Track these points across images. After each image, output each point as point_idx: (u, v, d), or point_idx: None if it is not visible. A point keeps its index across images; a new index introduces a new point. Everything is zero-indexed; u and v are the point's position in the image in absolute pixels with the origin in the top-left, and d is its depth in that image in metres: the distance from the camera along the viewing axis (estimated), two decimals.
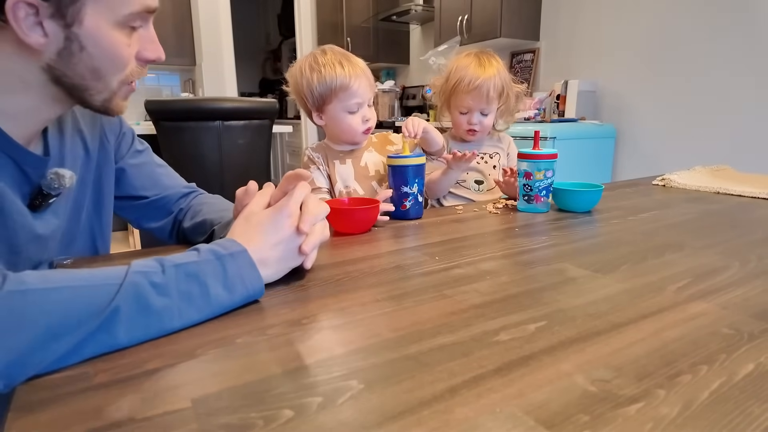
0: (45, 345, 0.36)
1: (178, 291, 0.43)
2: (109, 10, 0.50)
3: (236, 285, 0.47)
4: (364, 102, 0.98)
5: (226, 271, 0.46)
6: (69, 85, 0.52)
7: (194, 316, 0.44)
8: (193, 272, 0.45)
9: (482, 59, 1.14)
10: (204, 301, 0.45)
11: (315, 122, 1.03)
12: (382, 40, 4.06)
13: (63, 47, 0.50)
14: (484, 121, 1.16)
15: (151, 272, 0.42)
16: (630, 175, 2.42)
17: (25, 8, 0.46)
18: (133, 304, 0.40)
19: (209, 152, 1.97)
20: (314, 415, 0.31)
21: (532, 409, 0.31)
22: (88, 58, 0.51)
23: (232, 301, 0.47)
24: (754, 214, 0.91)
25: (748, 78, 1.99)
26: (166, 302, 0.42)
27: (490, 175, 1.20)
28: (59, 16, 0.48)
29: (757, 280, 0.55)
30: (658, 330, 0.43)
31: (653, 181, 1.30)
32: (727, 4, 2.01)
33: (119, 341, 0.39)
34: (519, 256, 0.66)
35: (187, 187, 0.81)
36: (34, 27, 0.47)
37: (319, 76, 0.95)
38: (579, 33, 2.65)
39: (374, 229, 0.83)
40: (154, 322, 0.41)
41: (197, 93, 4.42)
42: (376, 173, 1.05)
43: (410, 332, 0.43)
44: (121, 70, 0.54)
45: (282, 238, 0.52)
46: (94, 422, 0.31)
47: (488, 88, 1.11)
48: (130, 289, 0.40)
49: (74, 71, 0.51)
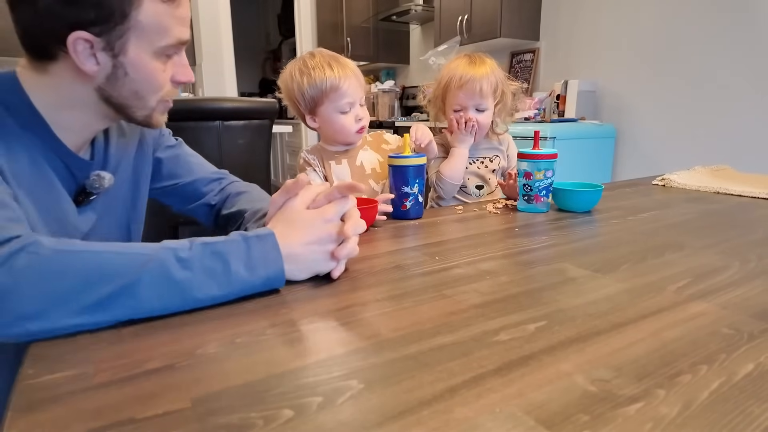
0: (78, 294, 0.42)
1: (201, 266, 0.47)
2: (148, 43, 0.59)
3: (258, 266, 0.50)
4: (355, 101, 0.99)
5: (250, 251, 0.50)
6: (116, 104, 0.62)
7: (215, 291, 0.47)
8: (219, 251, 0.49)
9: (473, 58, 1.14)
10: (225, 278, 0.48)
11: (309, 125, 1.03)
12: (382, 40, 4.06)
13: (111, 73, 0.59)
14: (479, 118, 1.12)
15: (178, 248, 0.48)
16: (630, 175, 2.42)
17: (83, 43, 0.55)
18: (157, 274, 0.45)
19: (209, 152, 1.95)
20: (314, 415, 0.31)
21: (532, 409, 0.31)
22: (130, 82, 0.60)
23: (251, 281, 0.49)
24: (754, 214, 0.92)
25: (748, 78, 1.99)
26: (188, 275, 0.46)
27: (490, 179, 1.20)
28: (109, 49, 0.57)
29: (757, 280, 0.55)
30: (658, 330, 0.43)
31: (653, 181, 1.30)
32: (727, 4, 2.01)
33: (142, 306, 0.45)
34: (519, 256, 0.66)
35: (217, 173, 0.88)
36: (89, 57, 0.57)
37: (309, 79, 0.96)
38: (579, 33, 2.65)
39: (374, 229, 0.83)
40: (175, 292, 0.46)
41: (197, 93, 4.42)
42: (372, 171, 1.05)
43: (410, 332, 0.43)
44: (158, 91, 0.64)
45: (316, 240, 0.54)
46: (94, 422, 0.31)
47: (480, 83, 1.09)
48: (156, 259, 0.46)
49: (120, 93, 0.61)
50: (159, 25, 0.59)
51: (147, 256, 0.46)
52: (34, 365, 0.38)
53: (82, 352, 0.40)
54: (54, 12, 0.53)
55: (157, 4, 0.58)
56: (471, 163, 1.19)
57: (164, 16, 0.59)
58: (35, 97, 0.59)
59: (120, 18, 0.56)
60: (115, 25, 0.56)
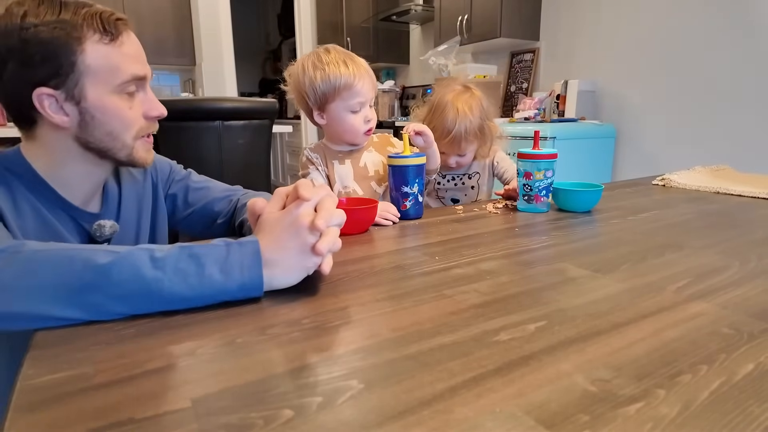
0: (55, 291, 0.44)
1: (174, 267, 0.47)
2: (104, 84, 0.64)
3: (233, 270, 0.48)
4: (366, 102, 0.98)
5: (228, 256, 0.49)
6: (96, 149, 0.67)
7: (185, 292, 0.46)
8: (196, 254, 0.48)
9: (459, 103, 1.15)
10: (197, 280, 0.47)
11: (315, 121, 1.01)
12: (382, 40, 4.06)
13: (80, 120, 0.64)
14: (461, 161, 1.20)
15: (155, 249, 0.48)
16: (630, 175, 2.42)
17: (48, 98, 0.62)
18: (126, 270, 0.45)
19: (209, 152, 1.96)
20: (314, 415, 0.31)
21: (532, 409, 0.31)
22: (100, 124, 0.65)
23: (225, 285, 0.48)
24: (754, 214, 0.92)
25: (748, 78, 1.99)
26: (158, 275, 0.46)
27: (466, 195, 1.23)
28: (71, 98, 0.63)
29: (757, 280, 0.55)
30: (658, 330, 0.43)
31: (653, 181, 1.30)
32: (727, 4, 2.01)
33: (111, 303, 0.45)
34: (519, 256, 0.66)
35: (228, 190, 0.91)
36: (58, 111, 0.63)
37: (322, 74, 0.94)
38: (579, 33, 2.65)
39: (373, 228, 0.83)
40: (143, 289, 0.45)
41: (197, 93, 4.42)
42: (376, 173, 1.04)
43: (410, 332, 0.43)
44: (129, 128, 0.68)
45: (287, 237, 0.52)
46: (94, 422, 0.31)
47: (461, 135, 1.14)
48: (128, 257, 0.46)
49: (95, 137, 0.66)
50: (108, 65, 0.64)
51: (119, 254, 0.46)
52: (34, 365, 0.38)
53: (82, 352, 0.40)
54: (14, 78, 0.61)
55: (100, 47, 0.63)
56: (449, 180, 1.25)
57: (111, 56, 0.64)
58: (35, 163, 0.66)
59: (69, 67, 0.61)
60: (67, 74, 0.61)
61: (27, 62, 0.60)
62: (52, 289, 0.44)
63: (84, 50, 0.61)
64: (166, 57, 4.29)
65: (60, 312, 0.44)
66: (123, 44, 0.65)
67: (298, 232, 0.51)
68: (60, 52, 0.60)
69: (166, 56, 4.29)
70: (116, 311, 0.45)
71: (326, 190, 0.56)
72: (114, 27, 0.64)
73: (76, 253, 0.46)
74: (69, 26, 0.61)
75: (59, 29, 0.60)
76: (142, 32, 4.25)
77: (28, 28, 0.59)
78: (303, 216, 0.52)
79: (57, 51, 0.60)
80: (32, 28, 0.59)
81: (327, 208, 0.54)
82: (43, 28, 0.60)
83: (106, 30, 0.63)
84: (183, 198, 0.88)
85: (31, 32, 0.59)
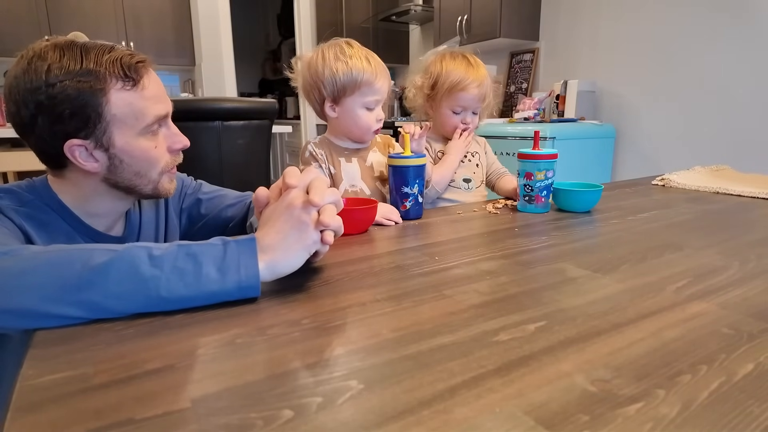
0: (54, 289, 0.44)
1: (172, 266, 0.46)
2: (130, 129, 0.66)
3: (230, 269, 0.48)
4: (381, 101, 0.99)
5: (225, 255, 0.48)
6: (123, 187, 0.70)
7: (182, 291, 0.46)
8: (194, 252, 0.48)
9: (470, 60, 1.16)
10: (194, 279, 0.47)
11: (325, 113, 0.99)
12: (382, 40, 4.06)
13: (110, 164, 0.67)
14: (475, 120, 1.19)
15: (154, 248, 0.48)
16: (630, 175, 2.42)
17: (78, 148, 0.64)
18: (124, 268, 0.45)
19: (209, 152, 1.96)
20: (314, 415, 0.31)
21: (532, 409, 0.31)
22: (128, 166, 0.68)
23: (223, 285, 0.47)
24: (754, 214, 0.92)
25: (748, 78, 1.99)
26: (156, 273, 0.46)
27: (474, 173, 1.21)
28: (100, 146, 0.65)
29: (757, 280, 0.55)
30: (658, 330, 0.43)
31: (653, 181, 1.30)
32: (727, 3, 2.01)
33: (109, 301, 0.45)
34: (519, 256, 0.66)
35: (241, 195, 0.92)
36: (88, 158, 0.66)
37: (345, 67, 0.93)
38: (578, 33, 2.65)
39: (373, 228, 0.83)
40: (140, 288, 0.45)
41: (197, 93, 4.42)
42: (381, 174, 1.05)
43: (410, 332, 0.43)
44: (155, 166, 0.71)
45: (287, 219, 0.51)
46: (94, 422, 0.31)
47: (485, 88, 1.15)
48: (127, 255, 0.46)
49: (123, 177, 0.69)
50: (133, 111, 0.65)
51: (117, 252, 0.46)
52: (34, 366, 0.38)
53: (82, 352, 0.40)
54: (47, 132, 0.63)
55: (123, 94, 0.64)
56: None
57: (135, 102, 0.65)
58: (63, 196, 0.70)
59: (96, 118, 0.63)
60: (95, 125, 0.64)
61: (57, 118, 0.62)
62: (51, 287, 0.44)
63: (109, 100, 0.63)
64: (166, 57, 4.29)
65: (58, 310, 0.44)
66: (145, 88, 0.66)
67: (291, 212, 0.52)
68: (87, 105, 0.62)
69: (166, 56, 4.29)
70: (115, 310, 0.45)
71: (315, 173, 0.55)
72: (135, 72, 0.65)
73: (76, 252, 0.46)
74: (93, 78, 0.62)
75: (83, 82, 0.62)
76: (142, 32, 4.27)
77: (54, 84, 0.61)
78: (294, 197, 0.52)
79: (84, 104, 0.62)
80: (58, 84, 0.61)
81: (318, 186, 0.53)
82: (69, 83, 0.61)
83: (128, 76, 0.64)
84: (197, 210, 0.90)
85: (57, 88, 0.61)
